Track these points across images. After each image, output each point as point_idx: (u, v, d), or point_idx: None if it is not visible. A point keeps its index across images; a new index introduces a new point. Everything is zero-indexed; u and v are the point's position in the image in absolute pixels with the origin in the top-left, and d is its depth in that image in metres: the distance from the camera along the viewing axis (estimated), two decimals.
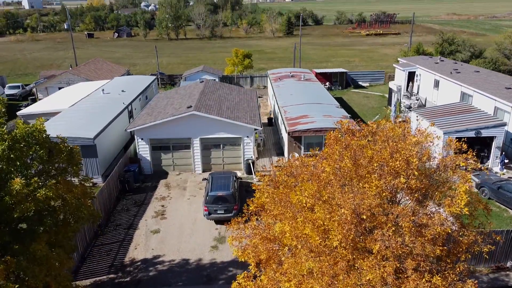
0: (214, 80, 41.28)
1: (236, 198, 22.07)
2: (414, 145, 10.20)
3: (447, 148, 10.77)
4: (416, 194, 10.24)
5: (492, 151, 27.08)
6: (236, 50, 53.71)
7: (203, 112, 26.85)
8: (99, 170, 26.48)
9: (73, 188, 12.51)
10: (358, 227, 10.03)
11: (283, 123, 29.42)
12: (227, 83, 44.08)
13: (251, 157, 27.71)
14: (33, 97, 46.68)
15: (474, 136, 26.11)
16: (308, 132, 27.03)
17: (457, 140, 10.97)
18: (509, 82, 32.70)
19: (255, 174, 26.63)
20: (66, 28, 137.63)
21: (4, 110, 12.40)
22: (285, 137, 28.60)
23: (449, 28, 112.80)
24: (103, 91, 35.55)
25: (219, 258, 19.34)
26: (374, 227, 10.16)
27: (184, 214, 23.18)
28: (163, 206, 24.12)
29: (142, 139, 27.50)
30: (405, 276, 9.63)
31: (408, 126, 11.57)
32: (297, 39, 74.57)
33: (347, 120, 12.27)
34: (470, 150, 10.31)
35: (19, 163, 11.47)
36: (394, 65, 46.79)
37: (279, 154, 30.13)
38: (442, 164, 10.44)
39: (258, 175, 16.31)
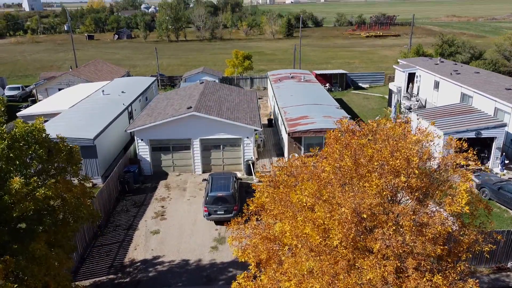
0: (214, 81, 41.27)
1: (236, 199, 22.03)
2: (415, 143, 10.17)
3: (447, 147, 10.74)
4: (416, 193, 10.20)
5: (492, 151, 27.05)
6: (236, 51, 53.74)
7: (203, 113, 26.83)
8: (99, 171, 26.44)
9: (72, 188, 12.46)
10: (359, 226, 9.99)
11: (283, 124, 29.40)
12: (227, 84, 44.05)
13: (251, 158, 27.67)
14: (33, 98, 46.67)
15: (475, 136, 26.11)
16: (308, 133, 27.00)
17: (457, 140, 10.95)
18: (509, 83, 32.68)
19: (255, 174, 26.59)
20: (66, 29, 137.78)
21: (3, 110, 12.37)
22: (285, 137, 28.57)
23: (449, 30, 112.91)
24: (103, 92, 35.55)
25: (219, 258, 19.29)
26: (374, 226, 10.12)
27: (184, 214, 23.14)
28: (163, 206, 24.08)
29: (142, 140, 27.47)
30: (405, 275, 9.59)
31: (408, 125, 11.55)
32: (297, 40, 74.64)
33: (346, 119, 12.24)
34: (471, 149, 10.28)
35: (18, 162, 11.44)
36: (394, 66, 46.80)
37: (279, 155, 30.10)
38: (442, 163, 10.40)
39: (258, 175, 16.27)
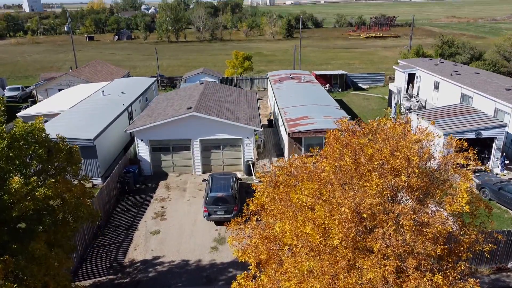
0: (214, 82, 41.27)
1: (236, 199, 22.00)
2: (415, 143, 10.16)
3: (447, 147, 10.72)
4: (416, 193, 10.18)
5: (492, 152, 27.03)
6: (236, 52, 53.76)
7: (203, 113, 26.81)
8: (99, 171, 26.42)
9: (72, 188, 12.44)
10: (359, 226, 9.97)
11: (283, 124, 29.39)
12: (227, 85, 44.04)
13: (251, 158, 27.65)
14: (33, 99, 46.65)
15: (475, 137, 26.08)
16: (308, 133, 26.99)
17: (457, 140, 10.94)
18: (509, 83, 32.68)
19: (255, 175, 26.57)
20: (66, 30, 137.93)
21: (3, 109, 12.35)
22: (285, 138, 28.55)
23: (449, 31, 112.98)
24: (103, 92, 35.54)
25: (219, 259, 19.26)
26: (374, 226, 10.10)
27: (184, 215, 23.11)
28: (162, 207, 24.05)
29: (142, 140, 27.44)
30: (406, 275, 9.56)
31: (408, 125, 11.53)
32: (297, 41, 74.68)
33: (346, 119, 12.24)
34: (471, 148, 10.26)
35: (18, 162, 11.42)
36: (394, 67, 46.80)
37: (279, 155, 30.07)
38: (443, 162, 10.38)
39: (258, 175, 16.26)
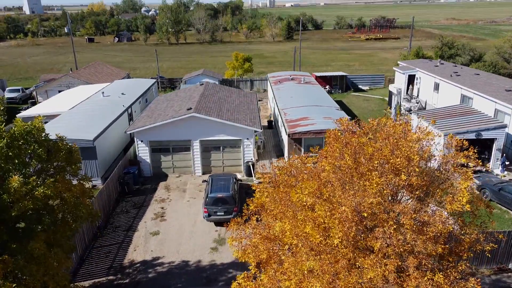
0: (214, 83, 41.27)
1: (236, 200, 21.97)
2: (415, 142, 10.13)
3: (448, 146, 10.70)
4: (417, 192, 10.15)
5: (492, 153, 27.00)
6: (236, 53, 53.77)
7: (203, 114, 26.79)
8: (99, 172, 26.39)
9: (71, 187, 12.40)
10: (359, 225, 9.92)
11: (283, 125, 29.37)
12: (227, 86, 44.02)
13: (251, 159, 27.62)
14: (33, 100, 46.64)
15: (475, 138, 26.05)
16: (308, 134, 26.97)
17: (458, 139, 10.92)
18: (509, 84, 32.68)
19: (255, 176, 26.54)
20: (66, 32, 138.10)
21: (3, 109, 12.34)
22: (285, 139, 28.53)
23: (448, 32, 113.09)
24: (103, 94, 35.55)
25: (219, 259, 19.21)
26: (375, 225, 10.06)
27: (184, 216, 23.06)
28: (162, 208, 24.01)
29: (141, 141, 27.42)
30: (406, 274, 9.52)
31: (409, 124, 11.51)
32: (297, 43, 74.75)
33: (346, 118, 12.22)
34: (471, 147, 10.23)
35: (17, 161, 11.39)
36: (394, 68, 46.82)
37: (279, 156, 29.99)
38: (443, 161, 10.36)
39: (258, 174, 16.24)
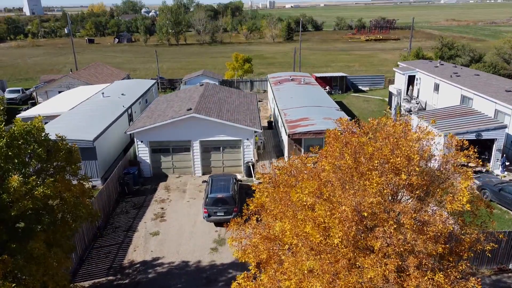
0: (214, 84, 41.26)
1: (236, 200, 21.95)
2: (415, 141, 10.12)
3: (448, 145, 10.68)
4: (417, 191, 10.13)
5: (493, 153, 26.99)
6: (236, 54, 53.77)
7: (203, 115, 26.78)
8: (99, 173, 26.37)
9: (71, 187, 12.38)
10: (359, 225, 9.90)
11: (283, 126, 29.36)
12: (227, 87, 44.02)
13: (251, 159, 27.60)
14: (33, 101, 46.63)
15: (475, 138, 26.04)
16: (308, 134, 26.96)
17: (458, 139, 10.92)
18: (509, 85, 32.67)
19: (255, 176, 26.52)
20: (66, 33, 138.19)
21: (2, 109, 12.33)
22: (285, 139, 28.52)
23: (448, 33, 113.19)
24: (103, 94, 35.53)
25: (219, 260, 19.18)
26: (375, 225, 10.04)
27: (184, 216, 23.03)
28: (162, 208, 23.98)
29: (141, 142, 27.40)
30: (407, 273, 9.50)
31: (409, 123, 11.50)
32: (297, 44, 74.77)
33: (345, 118, 12.22)
34: (472, 146, 10.22)
35: (17, 161, 11.37)
36: (394, 69, 46.83)
37: (279, 157, 29.97)
38: (443, 161, 10.34)
39: (258, 174, 16.24)
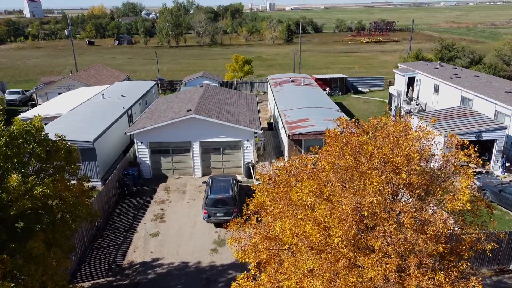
0: (214, 85, 41.26)
1: (236, 201, 21.92)
2: (415, 140, 10.10)
3: (449, 144, 10.66)
4: (417, 191, 10.10)
5: (493, 154, 26.96)
6: (236, 56, 53.80)
7: (203, 116, 26.77)
8: (98, 174, 26.34)
9: (71, 187, 12.35)
10: (359, 224, 9.88)
11: (283, 127, 29.35)
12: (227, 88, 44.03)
13: (251, 160, 27.58)
14: (32, 102, 46.65)
15: (475, 139, 26.01)
16: (308, 135, 26.95)
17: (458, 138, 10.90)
18: (509, 86, 32.68)
19: (255, 177, 26.50)
20: (67, 35, 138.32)
21: (2, 108, 12.32)
22: (285, 140, 28.51)
23: (448, 35, 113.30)
24: (103, 95, 35.53)
25: (219, 261, 19.13)
26: (375, 224, 10.01)
27: (184, 217, 22.99)
28: (162, 209, 23.94)
29: (141, 143, 27.38)
30: (407, 273, 9.46)
31: (409, 123, 11.48)
32: (297, 46, 74.81)
33: (345, 118, 12.21)
34: (472, 146, 10.20)
35: (16, 160, 11.34)
36: (394, 70, 46.85)
37: (279, 158, 30.00)
38: (444, 159, 10.32)
39: (258, 174, 16.21)
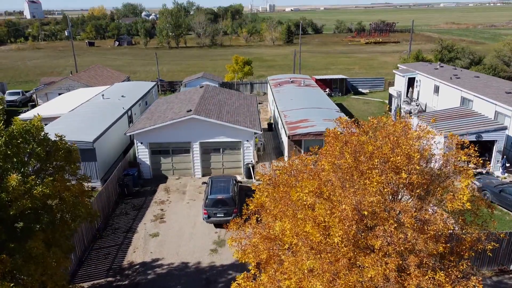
0: (214, 86, 41.26)
1: (236, 202, 21.90)
2: (416, 139, 10.09)
3: (449, 144, 10.66)
4: (417, 190, 10.09)
5: (493, 155, 26.95)
6: (236, 57, 53.83)
7: (203, 116, 26.76)
8: (98, 174, 26.32)
9: (70, 186, 12.34)
10: (359, 224, 9.86)
11: (283, 127, 29.34)
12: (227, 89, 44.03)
13: (251, 161, 27.56)
14: (33, 103, 46.68)
15: (475, 140, 25.98)
16: (308, 136, 26.94)
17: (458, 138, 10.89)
18: (509, 86, 32.67)
19: (255, 178, 26.48)
20: (67, 36, 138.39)
21: (1, 108, 12.31)
22: (285, 141, 28.50)
23: (448, 36, 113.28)
24: (103, 96, 35.53)
25: (219, 261, 19.11)
26: (375, 224, 10.00)
27: (184, 217, 22.97)
28: (162, 210, 23.92)
29: (141, 143, 27.37)
30: (407, 273, 9.44)
31: (409, 123, 11.47)
32: (296, 47, 74.82)
33: (345, 118, 12.20)
34: (472, 145, 10.19)
35: (16, 160, 11.33)
36: (394, 71, 46.87)
37: (279, 158, 29.98)
38: (444, 159, 10.31)
39: (258, 174, 16.21)
